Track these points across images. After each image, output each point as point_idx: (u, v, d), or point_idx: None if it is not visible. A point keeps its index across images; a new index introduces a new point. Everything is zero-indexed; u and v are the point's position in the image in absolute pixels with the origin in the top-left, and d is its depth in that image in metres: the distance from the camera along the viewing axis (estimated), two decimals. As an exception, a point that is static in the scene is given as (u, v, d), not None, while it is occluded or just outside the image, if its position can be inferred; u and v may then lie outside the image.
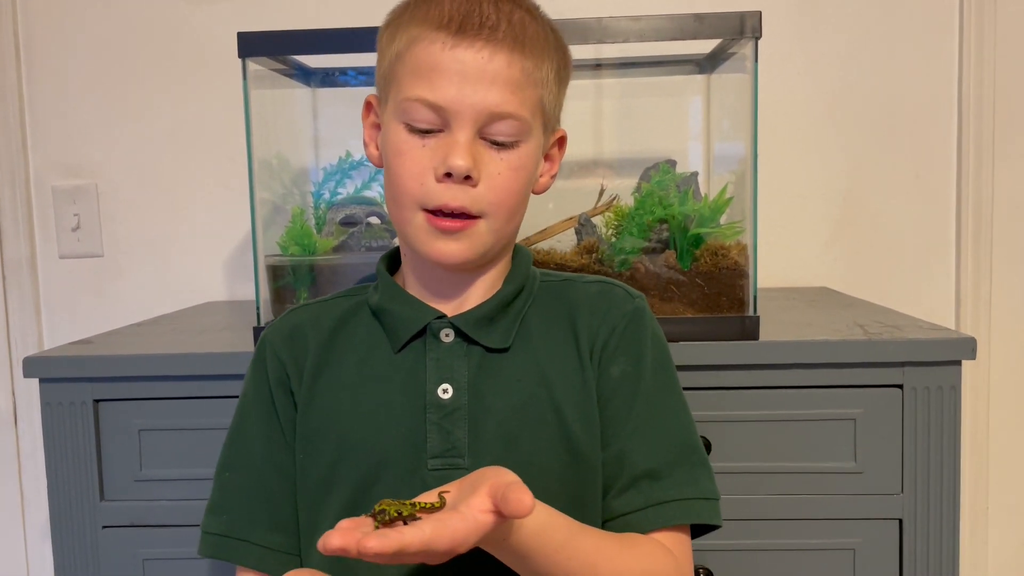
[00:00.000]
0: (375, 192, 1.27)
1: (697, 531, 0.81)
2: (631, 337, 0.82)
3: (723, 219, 1.15)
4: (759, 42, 1.06)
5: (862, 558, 1.07)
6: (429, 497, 0.65)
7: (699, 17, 1.06)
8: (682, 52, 1.29)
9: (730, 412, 1.06)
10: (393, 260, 0.88)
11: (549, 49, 0.80)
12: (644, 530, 0.78)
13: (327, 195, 1.26)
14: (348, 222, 1.23)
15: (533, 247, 1.20)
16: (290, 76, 1.31)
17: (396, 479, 0.77)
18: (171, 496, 1.10)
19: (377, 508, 0.62)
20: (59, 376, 1.08)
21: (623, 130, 1.49)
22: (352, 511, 0.77)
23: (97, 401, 1.09)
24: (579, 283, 0.86)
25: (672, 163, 1.19)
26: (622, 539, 0.76)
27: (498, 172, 0.77)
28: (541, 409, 0.79)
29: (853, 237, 1.60)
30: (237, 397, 1.07)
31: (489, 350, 0.80)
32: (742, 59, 1.13)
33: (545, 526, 0.67)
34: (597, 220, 1.20)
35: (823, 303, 1.37)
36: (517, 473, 0.74)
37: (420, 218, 0.77)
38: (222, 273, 1.66)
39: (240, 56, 1.08)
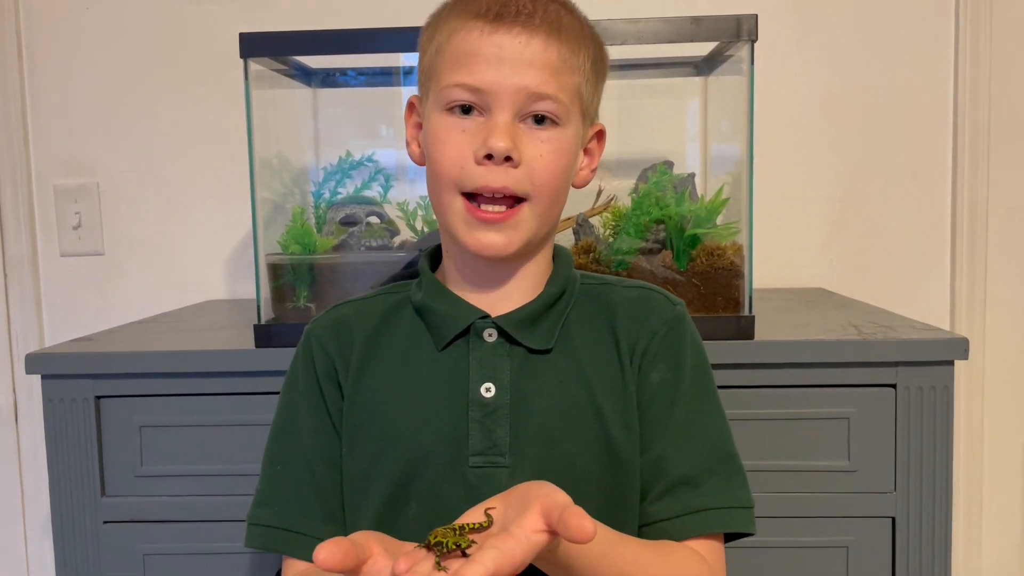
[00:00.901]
0: (375, 192, 1.28)
1: (729, 537, 0.82)
2: (671, 343, 0.82)
3: (719, 220, 1.16)
4: (755, 45, 1.07)
5: (855, 556, 1.08)
6: (476, 516, 0.64)
7: (696, 20, 1.07)
8: (679, 54, 1.30)
9: (725, 410, 1.07)
10: (434, 258, 0.88)
11: (585, 39, 0.80)
12: (680, 537, 0.78)
13: (327, 194, 1.27)
14: (348, 221, 1.24)
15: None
16: (291, 76, 1.33)
17: (437, 475, 0.78)
18: (172, 492, 1.11)
19: (432, 540, 0.61)
20: (61, 372, 1.09)
21: (621, 131, 1.50)
22: (392, 505, 0.78)
23: (99, 398, 1.10)
24: (619, 287, 0.86)
25: (669, 164, 1.21)
26: (658, 547, 0.77)
27: (539, 154, 0.77)
28: (582, 411, 0.79)
29: (849, 238, 1.61)
30: (238, 394, 1.10)
31: (531, 351, 0.80)
32: (739, 61, 1.14)
33: None
34: (595, 220, 1.22)
35: (818, 304, 1.38)
36: (557, 475, 0.74)
37: (459, 203, 0.77)
38: (222, 272, 1.67)
39: (242, 56, 1.10)
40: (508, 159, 0.75)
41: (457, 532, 0.61)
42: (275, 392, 1.07)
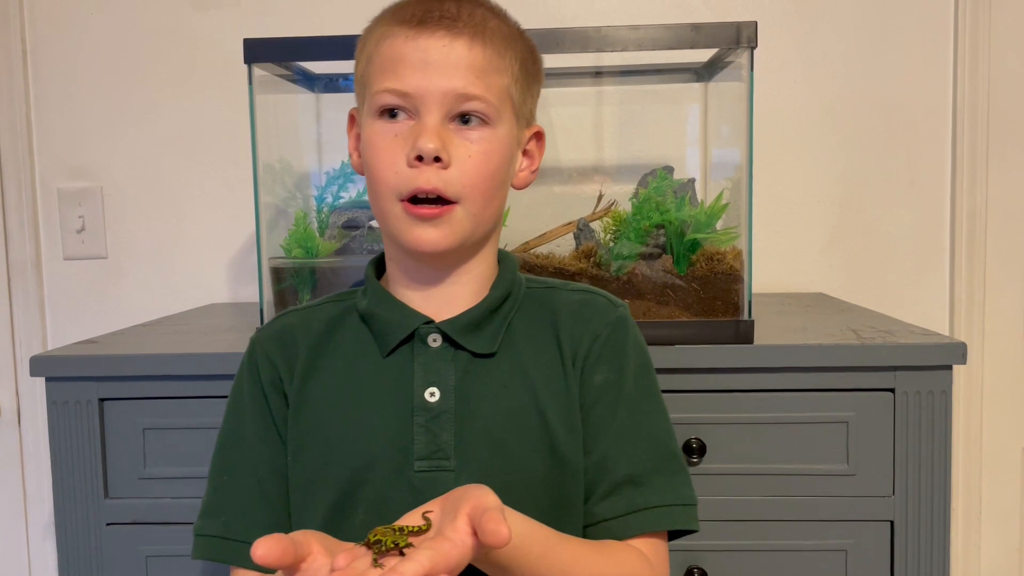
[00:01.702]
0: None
1: (674, 534, 0.83)
2: (614, 345, 0.84)
3: (719, 225, 1.17)
4: (755, 51, 1.08)
5: (854, 559, 1.08)
6: (414, 519, 0.65)
7: (696, 27, 1.08)
8: (680, 61, 1.31)
9: (725, 414, 1.08)
10: (380, 265, 0.89)
11: (511, 42, 0.82)
12: (624, 535, 0.80)
13: (330, 199, 1.28)
14: (350, 226, 1.25)
15: (532, 251, 1.22)
16: (293, 81, 1.33)
17: (383, 481, 0.79)
18: (174, 494, 1.11)
19: (372, 538, 0.62)
20: (65, 375, 1.10)
21: (622, 137, 1.51)
22: (338, 512, 0.79)
23: (102, 400, 1.11)
24: (563, 291, 0.88)
25: (669, 169, 1.21)
26: (600, 547, 0.78)
27: (468, 155, 0.78)
28: (526, 414, 0.80)
29: (848, 244, 1.61)
30: (240, 397, 1.10)
31: (475, 355, 0.81)
32: (738, 68, 1.15)
33: (525, 538, 0.68)
34: (595, 225, 1.22)
35: (818, 308, 1.38)
36: (502, 477, 0.76)
37: (399, 208, 0.78)
38: (224, 275, 1.68)
39: (246, 62, 1.11)
40: (438, 160, 0.76)
41: (396, 532, 0.63)
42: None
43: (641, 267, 1.14)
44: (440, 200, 0.77)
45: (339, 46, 1.12)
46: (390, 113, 0.78)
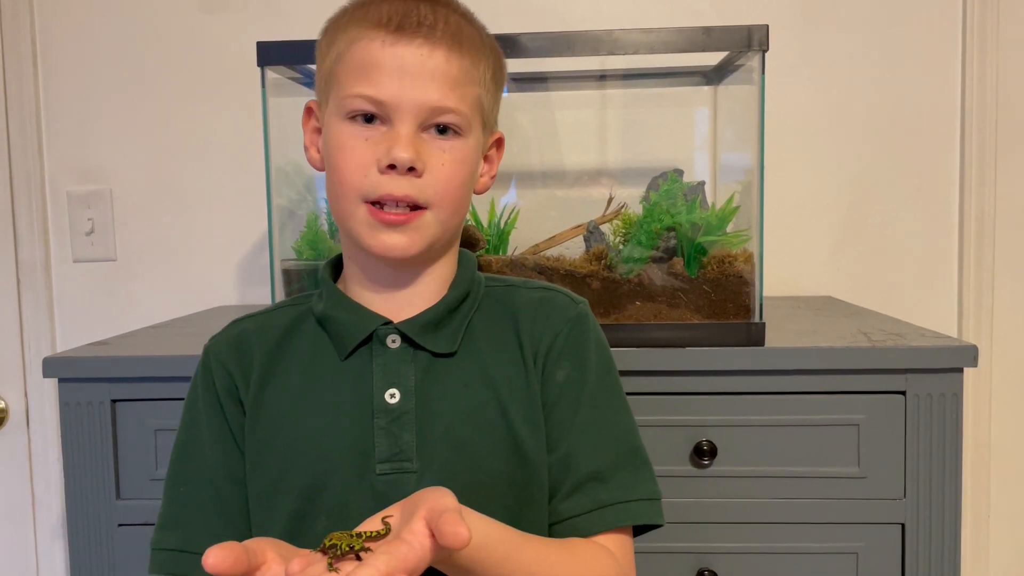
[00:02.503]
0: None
1: (638, 529, 0.83)
2: (575, 342, 0.84)
3: (730, 228, 1.17)
4: (766, 55, 1.09)
5: (865, 562, 1.09)
6: (373, 524, 0.65)
7: (707, 30, 1.08)
8: (690, 64, 1.31)
9: (736, 417, 1.08)
10: (335, 268, 0.88)
11: (485, 50, 0.82)
12: (590, 532, 0.79)
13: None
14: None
15: (541, 253, 1.22)
16: (305, 84, 1.34)
17: (344, 485, 0.78)
18: (186, 495, 1.11)
19: (328, 543, 0.62)
20: (78, 376, 1.11)
21: (631, 139, 1.52)
22: (300, 519, 0.78)
23: (114, 401, 1.11)
24: (523, 289, 0.88)
25: (680, 172, 1.22)
26: (565, 546, 0.78)
27: (441, 164, 0.78)
28: (488, 413, 0.80)
29: (858, 247, 1.62)
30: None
31: (435, 355, 0.81)
32: (749, 71, 1.16)
33: (488, 540, 0.68)
34: (605, 228, 1.22)
35: (828, 311, 1.38)
36: (465, 477, 0.77)
37: (363, 211, 0.77)
38: (233, 278, 1.68)
39: (259, 65, 1.11)
40: (411, 169, 0.76)
41: (352, 536, 0.62)
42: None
43: (652, 270, 1.14)
44: (409, 205, 0.77)
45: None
46: (364, 118, 0.77)
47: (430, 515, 0.61)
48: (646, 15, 1.58)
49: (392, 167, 0.76)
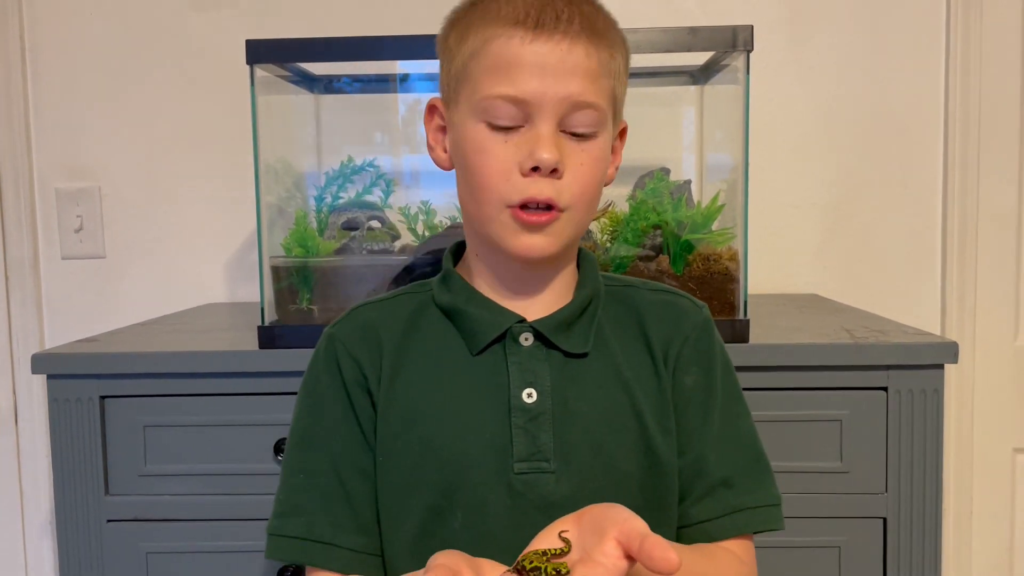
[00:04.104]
0: (376, 197, 1.30)
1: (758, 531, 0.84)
2: (702, 347, 0.83)
3: (715, 226, 1.18)
4: (751, 55, 1.10)
5: (847, 555, 1.10)
6: (550, 539, 0.64)
7: (693, 30, 1.09)
8: (676, 63, 1.32)
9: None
10: (455, 257, 0.86)
11: (618, 41, 0.79)
12: (720, 536, 0.80)
13: (329, 199, 1.28)
14: (350, 226, 1.26)
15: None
16: (293, 82, 1.34)
17: (481, 482, 0.77)
18: (175, 491, 1.12)
19: (529, 565, 0.61)
20: (67, 373, 1.11)
21: (618, 139, 1.52)
22: (436, 514, 0.77)
23: (103, 397, 1.12)
24: (643, 289, 0.86)
25: (666, 171, 1.23)
26: (704, 554, 0.78)
27: (580, 163, 0.76)
28: (623, 415, 0.79)
29: (842, 246, 1.63)
30: (241, 395, 1.11)
31: (568, 355, 0.80)
32: (734, 71, 1.17)
33: None
34: (593, 226, 1.24)
35: (813, 309, 1.40)
36: (601, 478, 0.77)
37: (506, 215, 0.76)
38: (222, 275, 1.69)
39: (249, 63, 1.12)
40: (554, 170, 0.74)
41: (545, 555, 0.62)
42: (278, 393, 1.10)
43: (638, 267, 1.15)
44: (548, 206, 0.75)
45: (342, 47, 1.13)
46: (503, 128, 0.75)
47: (624, 537, 0.60)
48: (635, 15, 1.59)
49: (535, 169, 0.74)
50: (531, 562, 0.61)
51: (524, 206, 0.75)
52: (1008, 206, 1.61)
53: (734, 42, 1.09)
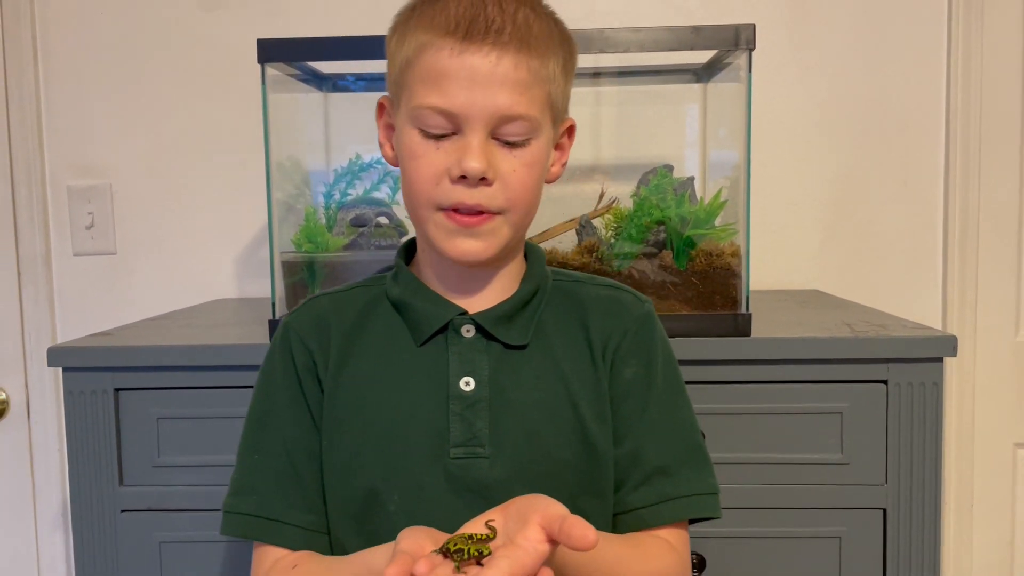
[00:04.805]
0: (384, 193, 1.32)
1: (693, 520, 0.86)
2: (642, 340, 0.86)
3: (718, 222, 1.20)
4: (753, 53, 1.11)
5: (847, 546, 1.12)
6: (477, 527, 0.67)
7: (696, 29, 1.11)
8: (679, 62, 1.34)
9: (722, 405, 1.11)
10: (409, 251, 0.90)
11: (554, 45, 0.80)
12: (655, 523, 0.83)
13: (337, 196, 1.30)
14: (358, 223, 1.28)
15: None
16: (302, 80, 1.36)
17: (419, 466, 0.80)
18: (187, 481, 1.14)
19: (452, 547, 0.64)
20: (82, 366, 1.13)
21: (622, 136, 1.54)
22: (374, 497, 0.81)
23: (117, 390, 1.14)
24: (589, 285, 0.90)
25: (669, 168, 1.25)
26: (634, 542, 0.81)
27: (512, 170, 0.78)
28: (559, 404, 0.82)
29: (844, 242, 1.65)
30: (252, 387, 1.13)
31: (507, 347, 0.83)
32: (737, 69, 1.18)
33: None
34: (597, 222, 1.25)
35: (814, 304, 1.42)
36: (535, 465, 0.80)
37: (439, 216, 0.79)
38: (231, 271, 1.71)
39: (260, 61, 1.13)
40: (483, 179, 0.77)
41: (472, 540, 0.65)
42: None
43: (642, 262, 1.17)
44: (481, 211, 0.78)
45: (352, 46, 1.15)
46: (434, 134, 0.78)
47: (546, 521, 0.64)
48: (638, 13, 1.61)
49: (464, 177, 0.77)
50: (455, 544, 0.65)
51: (455, 209, 0.78)
52: (1009, 202, 1.63)
53: (736, 41, 1.11)
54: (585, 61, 1.42)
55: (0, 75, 1.68)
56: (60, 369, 1.14)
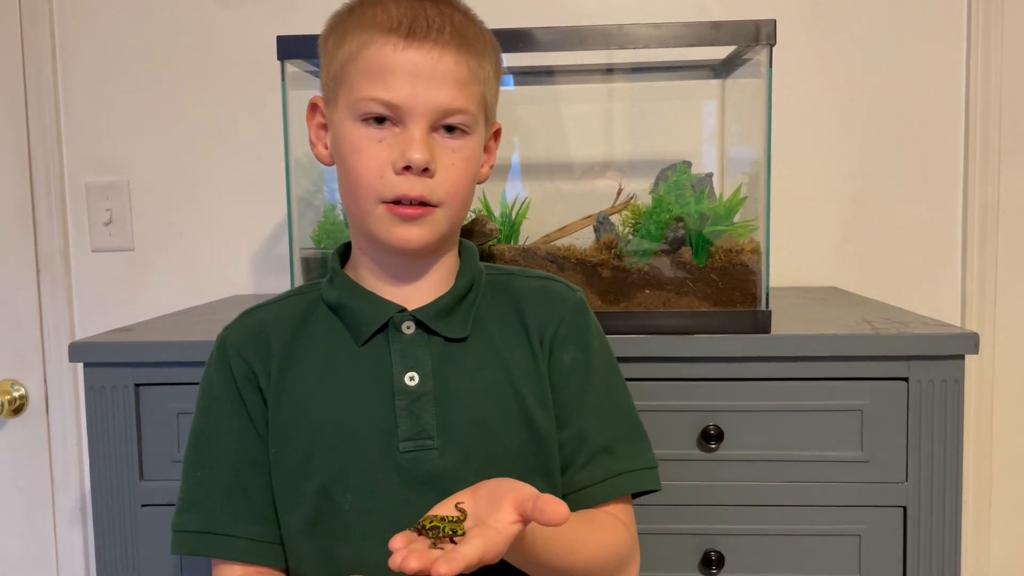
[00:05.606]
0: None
1: (637, 494, 0.90)
2: (577, 327, 0.90)
3: (737, 218, 1.19)
4: (773, 49, 1.11)
5: (867, 544, 1.11)
6: (447, 509, 0.70)
7: (716, 25, 1.10)
8: (699, 57, 1.33)
9: (742, 402, 1.11)
10: (342, 257, 0.92)
11: (487, 48, 0.86)
12: (603, 499, 0.87)
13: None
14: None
15: (552, 243, 1.25)
16: (319, 77, 1.36)
17: (370, 463, 0.83)
18: (207, 477, 1.15)
19: (428, 524, 0.67)
20: (103, 361, 1.14)
21: (641, 132, 1.54)
22: (328, 497, 0.83)
23: (138, 385, 1.14)
24: (521, 277, 0.93)
25: (688, 164, 1.24)
26: (588, 518, 0.84)
27: (451, 163, 0.82)
28: (502, 392, 0.86)
29: (863, 239, 1.64)
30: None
31: (448, 340, 0.86)
32: (757, 65, 1.18)
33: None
34: (615, 218, 1.25)
35: (833, 301, 1.41)
36: (483, 452, 0.83)
37: (381, 209, 0.82)
38: (249, 268, 1.71)
39: (280, 58, 1.14)
40: (425, 170, 0.80)
41: (447, 520, 0.67)
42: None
43: (660, 259, 1.17)
44: (422, 203, 0.82)
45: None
46: (376, 119, 0.81)
47: (519, 502, 0.66)
48: (654, 9, 1.60)
49: (407, 168, 0.80)
50: (431, 522, 0.67)
51: (398, 201, 0.81)
52: (1029, 199, 1.62)
53: (756, 36, 1.10)
54: (601, 57, 1.42)
55: (19, 72, 1.69)
56: (79, 364, 1.15)
